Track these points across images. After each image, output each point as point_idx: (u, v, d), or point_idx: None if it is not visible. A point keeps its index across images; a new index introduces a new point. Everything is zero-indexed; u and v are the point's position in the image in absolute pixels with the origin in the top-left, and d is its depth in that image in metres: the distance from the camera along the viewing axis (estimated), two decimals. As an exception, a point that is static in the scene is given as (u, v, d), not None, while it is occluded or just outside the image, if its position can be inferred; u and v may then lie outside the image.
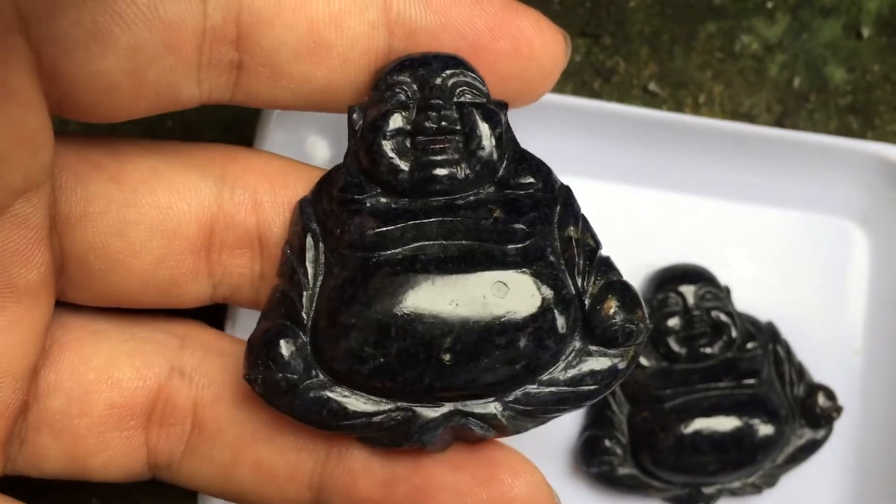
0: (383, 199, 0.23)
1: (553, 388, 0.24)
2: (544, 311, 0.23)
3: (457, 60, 0.23)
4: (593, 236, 0.25)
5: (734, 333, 0.36)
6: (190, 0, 0.20)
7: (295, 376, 0.22)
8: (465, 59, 0.23)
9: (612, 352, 0.24)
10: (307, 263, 0.23)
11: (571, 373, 0.24)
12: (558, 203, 0.25)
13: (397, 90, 0.23)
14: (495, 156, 0.23)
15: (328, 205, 0.23)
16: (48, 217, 0.21)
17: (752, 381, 0.36)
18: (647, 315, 0.24)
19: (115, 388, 0.23)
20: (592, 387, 0.24)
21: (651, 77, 0.39)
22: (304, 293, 0.23)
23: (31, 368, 0.22)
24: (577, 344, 0.24)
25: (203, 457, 0.23)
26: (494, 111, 0.23)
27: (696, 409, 0.35)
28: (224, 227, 0.23)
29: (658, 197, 0.38)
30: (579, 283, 0.24)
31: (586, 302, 0.24)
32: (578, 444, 0.36)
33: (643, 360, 0.36)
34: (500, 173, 0.24)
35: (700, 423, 0.35)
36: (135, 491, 0.34)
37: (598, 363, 0.24)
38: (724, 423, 0.35)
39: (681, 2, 0.39)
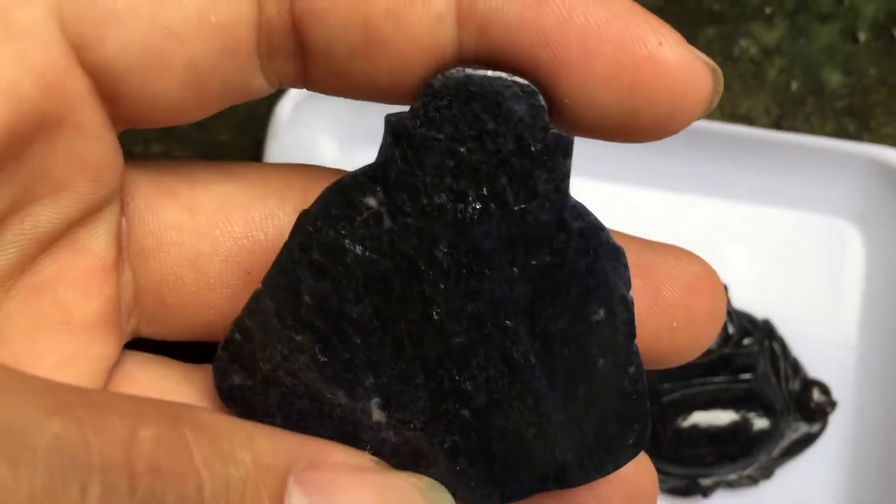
0: None
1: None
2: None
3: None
4: None
5: (731, 330, 0.36)
6: None
7: None
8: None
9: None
10: None
11: None
12: None
13: None
14: None
15: None
16: (113, 247, 0.20)
17: (748, 375, 0.36)
18: None
19: None
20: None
21: (652, 80, 0.40)
22: None
23: None
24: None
25: None
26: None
27: (693, 403, 0.36)
28: None
29: (658, 196, 0.39)
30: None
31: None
32: (579, 437, 0.37)
33: (643, 356, 0.36)
34: None
35: (697, 417, 0.36)
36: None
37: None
38: (721, 417, 0.36)
39: (680, 8, 0.40)
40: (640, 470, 0.21)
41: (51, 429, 0.14)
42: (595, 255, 0.19)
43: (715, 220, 0.39)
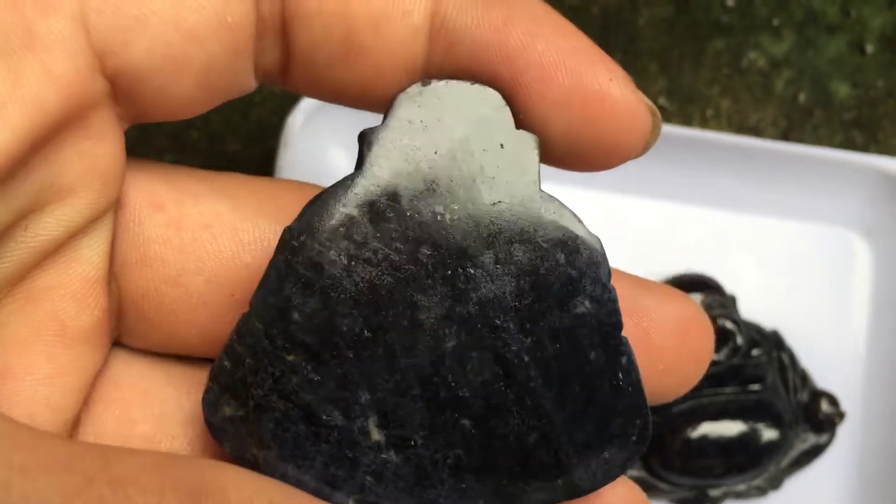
0: None
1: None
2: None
3: None
4: None
5: (739, 341, 0.37)
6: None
7: None
8: None
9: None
10: None
11: None
12: None
13: None
14: None
15: None
16: (106, 257, 0.20)
17: (757, 386, 0.36)
18: None
19: None
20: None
21: (660, 92, 0.40)
22: None
23: (71, 424, 0.19)
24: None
25: None
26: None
27: (702, 414, 0.36)
28: None
29: (667, 208, 0.39)
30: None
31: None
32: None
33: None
34: None
35: (707, 428, 0.36)
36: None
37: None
38: (730, 428, 0.36)
39: (689, 19, 0.40)
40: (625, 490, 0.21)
41: None
42: (574, 246, 0.19)
43: (723, 232, 0.39)
